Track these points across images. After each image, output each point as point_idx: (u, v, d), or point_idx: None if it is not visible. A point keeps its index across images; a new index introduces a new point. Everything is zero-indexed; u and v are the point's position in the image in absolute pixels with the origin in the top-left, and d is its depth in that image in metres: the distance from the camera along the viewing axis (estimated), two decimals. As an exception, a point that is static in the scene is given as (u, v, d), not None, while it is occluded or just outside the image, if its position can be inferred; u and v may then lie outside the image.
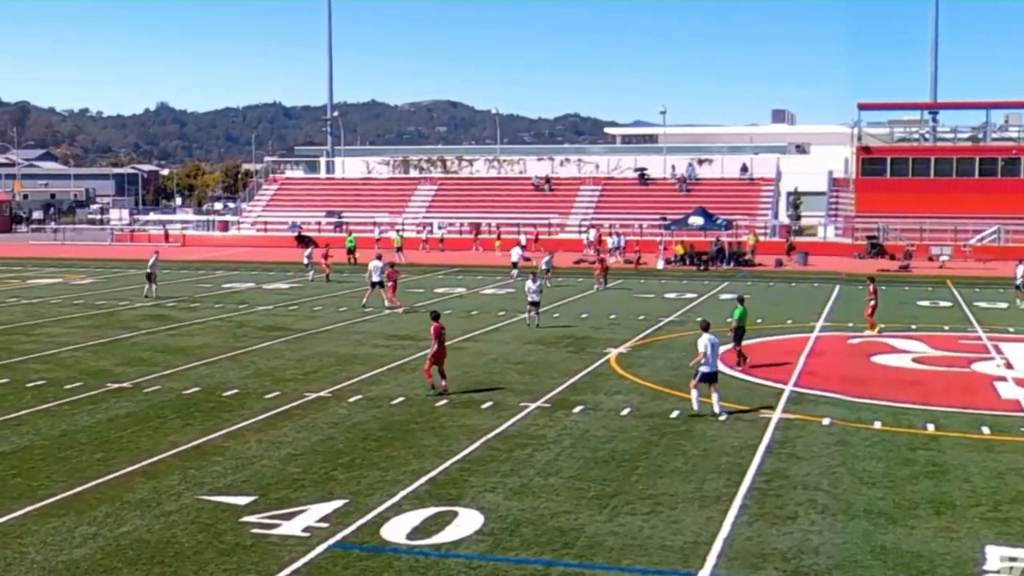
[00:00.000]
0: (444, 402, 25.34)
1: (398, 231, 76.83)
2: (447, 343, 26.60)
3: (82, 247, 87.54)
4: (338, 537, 15.96)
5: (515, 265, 57.61)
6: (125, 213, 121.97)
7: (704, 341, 24.03)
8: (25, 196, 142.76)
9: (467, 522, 16.65)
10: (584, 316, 41.76)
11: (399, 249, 70.94)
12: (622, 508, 17.40)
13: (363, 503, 17.59)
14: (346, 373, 29.12)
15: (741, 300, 31.42)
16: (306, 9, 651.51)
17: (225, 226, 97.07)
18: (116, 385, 27.38)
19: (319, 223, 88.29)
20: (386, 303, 43.28)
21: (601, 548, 15.56)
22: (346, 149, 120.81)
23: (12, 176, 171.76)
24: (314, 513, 17.02)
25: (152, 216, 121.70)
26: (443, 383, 26.00)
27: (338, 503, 17.56)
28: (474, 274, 60.26)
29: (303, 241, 76.16)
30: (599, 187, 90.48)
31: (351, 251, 70.11)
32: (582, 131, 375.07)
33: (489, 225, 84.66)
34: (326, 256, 57.22)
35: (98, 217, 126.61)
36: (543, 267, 51.33)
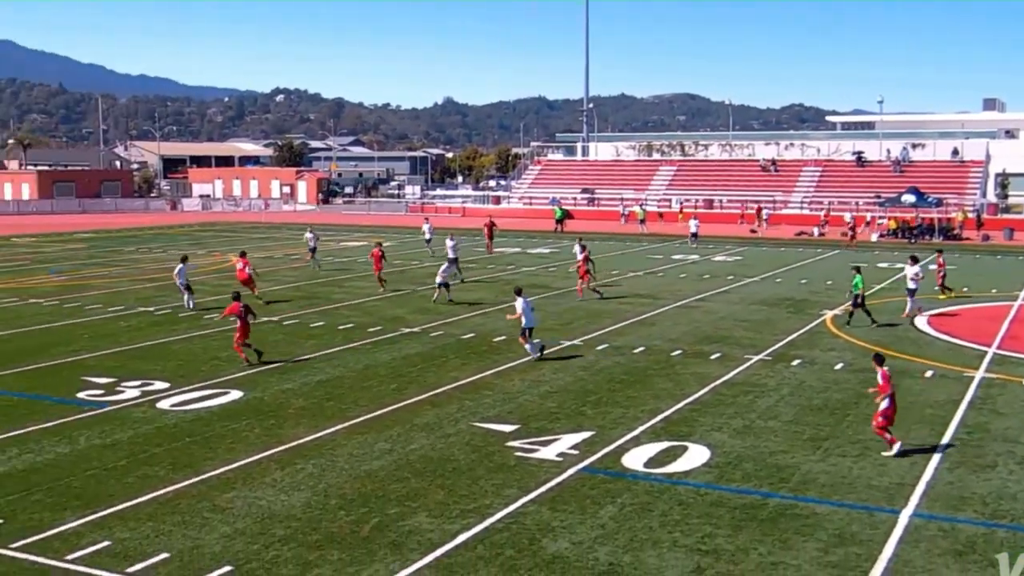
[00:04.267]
0: (679, 352, 25.13)
1: (641, 206, 76.30)
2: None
3: (383, 216, 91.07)
4: (586, 463, 16.12)
5: (695, 236, 58.52)
6: (417, 189, 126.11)
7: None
8: (340, 175, 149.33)
9: (696, 455, 16.52)
10: (803, 281, 40.45)
11: (642, 221, 70.57)
12: (834, 450, 16.85)
13: (607, 435, 17.69)
14: (595, 325, 29.25)
15: (858, 269, 29.90)
16: (567, 14, 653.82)
17: (497, 200, 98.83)
18: (408, 330, 28.42)
19: (575, 198, 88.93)
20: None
21: (814, 484, 15.14)
22: (598, 136, 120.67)
23: (330, 158, 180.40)
24: (566, 441, 17.25)
25: (439, 191, 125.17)
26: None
27: (586, 434, 17.72)
28: (706, 243, 59.28)
29: (566, 215, 77.10)
30: (820, 168, 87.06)
31: (559, 221, 71.34)
32: (805, 119, 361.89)
33: (720, 201, 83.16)
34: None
35: (395, 192, 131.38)
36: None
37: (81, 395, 20.52)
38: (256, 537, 12.98)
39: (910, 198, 71.13)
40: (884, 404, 16.56)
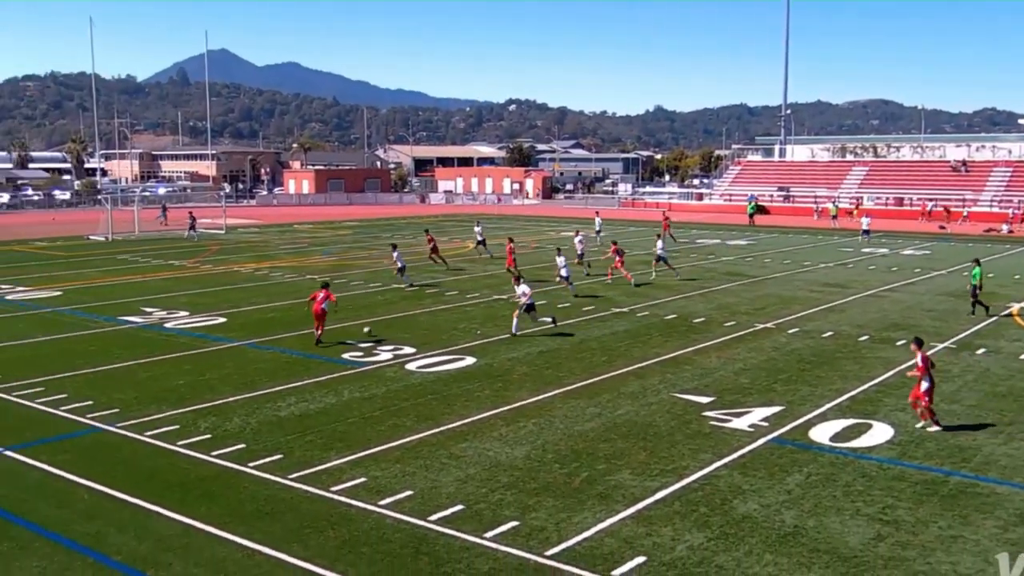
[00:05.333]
0: (866, 337, 23.93)
1: (834, 203, 72.93)
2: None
3: (598, 210, 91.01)
4: (775, 434, 15.64)
5: (866, 232, 54.46)
6: (629, 186, 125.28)
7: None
8: (561, 174, 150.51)
9: (879, 433, 15.71)
10: (990, 275, 37.54)
11: (834, 217, 67.48)
12: (1016, 435, 15.62)
13: (796, 410, 17.09)
14: (787, 310, 28.27)
15: (977, 262, 27.59)
16: (768, 25, 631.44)
17: (700, 197, 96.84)
18: (617, 310, 28.37)
19: (771, 195, 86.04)
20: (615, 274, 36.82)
21: (995, 465, 14.09)
22: (795, 139, 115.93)
23: (553, 159, 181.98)
24: (757, 414, 16.79)
25: (648, 189, 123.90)
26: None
27: (776, 408, 17.18)
28: (895, 238, 56.03)
29: (760, 210, 74.75)
30: (1010, 170, 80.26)
31: (751, 215, 68.92)
32: (997, 122, 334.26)
33: (911, 200, 78.31)
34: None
35: (610, 189, 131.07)
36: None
37: (346, 356, 21.65)
38: (484, 482, 13.33)
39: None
40: (925, 385, 15.71)
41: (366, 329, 24.02)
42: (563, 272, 31.36)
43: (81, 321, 26.62)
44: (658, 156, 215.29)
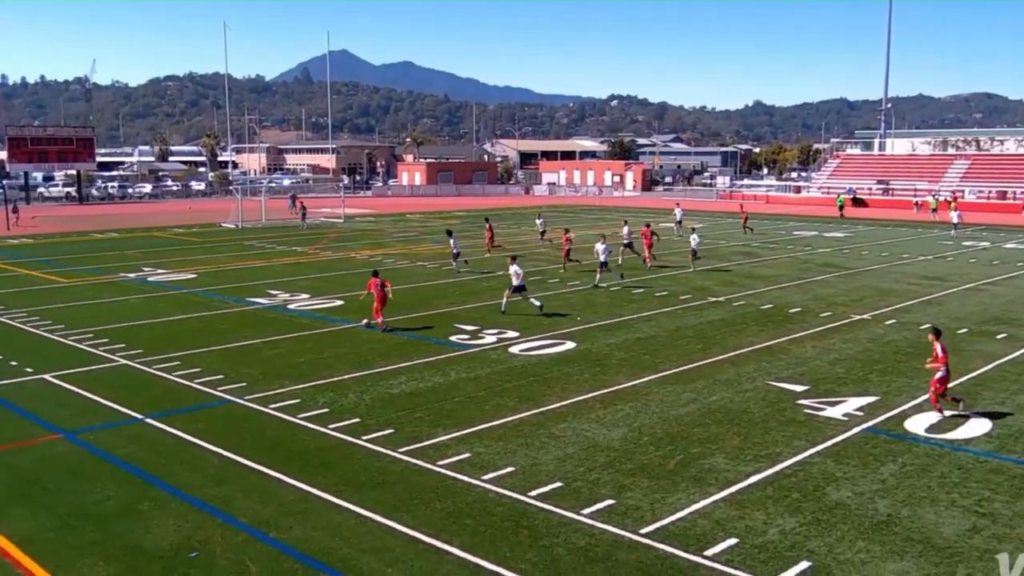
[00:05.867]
0: (964, 330, 22.92)
1: (934, 196, 69.94)
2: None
3: (696, 202, 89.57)
4: (870, 424, 15.16)
5: (956, 225, 52.09)
6: (727, 179, 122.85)
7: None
8: (661, 167, 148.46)
9: (977, 425, 15.04)
10: (1097, 270, 35.48)
11: (934, 210, 64.73)
12: (1121, 432, 14.74)
13: (891, 400, 16.51)
14: (884, 302, 27.31)
15: None
16: (869, 20, 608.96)
17: (798, 189, 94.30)
18: (713, 299, 27.91)
19: (870, 188, 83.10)
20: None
21: (1098, 462, 13.34)
22: (895, 132, 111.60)
23: (653, 153, 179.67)
24: (852, 404, 16.29)
25: (745, 181, 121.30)
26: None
27: (871, 398, 16.63)
28: (997, 231, 53.44)
29: (858, 202, 72.35)
30: (1120, 162, 75.79)
31: (841, 207, 66.51)
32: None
33: (1014, 193, 74.48)
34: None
35: (708, 181, 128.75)
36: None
37: (453, 338, 21.92)
38: (582, 461, 13.33)
39: None
40: (940, 374, 15.36)
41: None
42: (601, 257, 30.38)
43: (213, 302, 27.66)
44: (756, 150, 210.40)
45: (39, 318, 24.74)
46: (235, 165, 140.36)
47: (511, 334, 22.30)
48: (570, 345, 21.16)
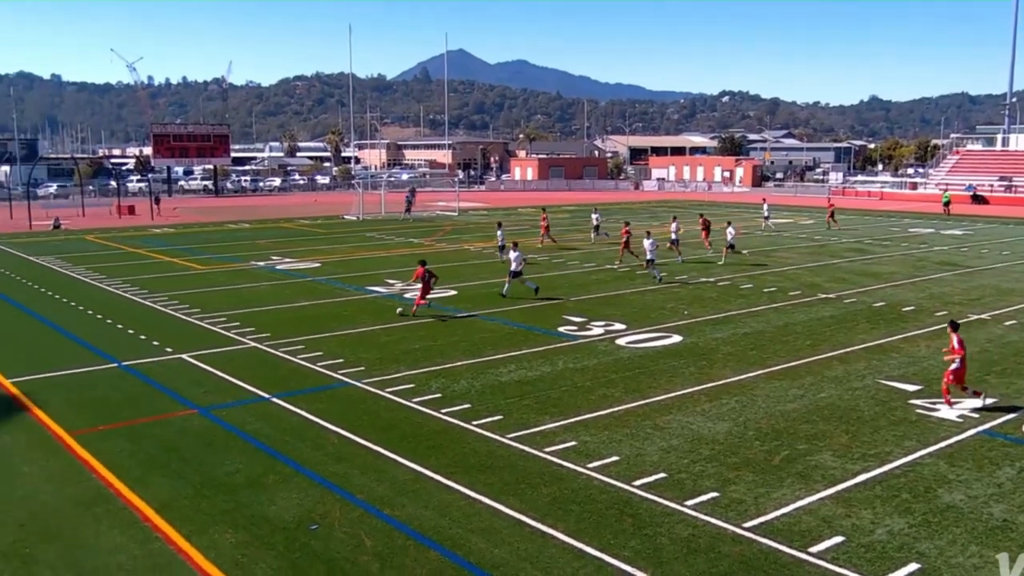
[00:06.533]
0: (1091, 333, 21.53)
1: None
2: None
3: (807, 198, 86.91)
4: (986, 426, 14.43)
5: None
6: (840, 175, 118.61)
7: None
8: (772, 162, 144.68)
9: (1103, 432, 14.12)
10: None
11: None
12: None
13: (1010, 403, 15.65)
14: (1004, 302, 25.89)
15: None
16: (993, 12, 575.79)
17: (914, 186, 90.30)
18: (824, 296, 27.05)
19: (991, 185, 78.85)
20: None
21: None
22: (1019, 128, 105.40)
23: (764, 149, 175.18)
24: (967, 404, 15.52)
25: (859, 178, 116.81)
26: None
27: (989, 400, 15.80)
28: None
29: (977, 199, 68.79)
30: None
31: (946, 204, 62.92)
32: None
33: None
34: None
35: (820, 178, 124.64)
36: None
37: (561, 329, 21.94)
38: (686, 453, 13.16)
39: None
40: (955, 365, 15.19)
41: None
42: (649, 255, 29.93)
43: (335, 289, 28.50)
44: (871, 145, 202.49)
45: (178, 302, 26.01)
46: (357, 160, 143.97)
47: (618, 326, 22.17)
48: (677, 338, 20.88)
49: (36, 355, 19.56)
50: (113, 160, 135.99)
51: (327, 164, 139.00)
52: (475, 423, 14.49)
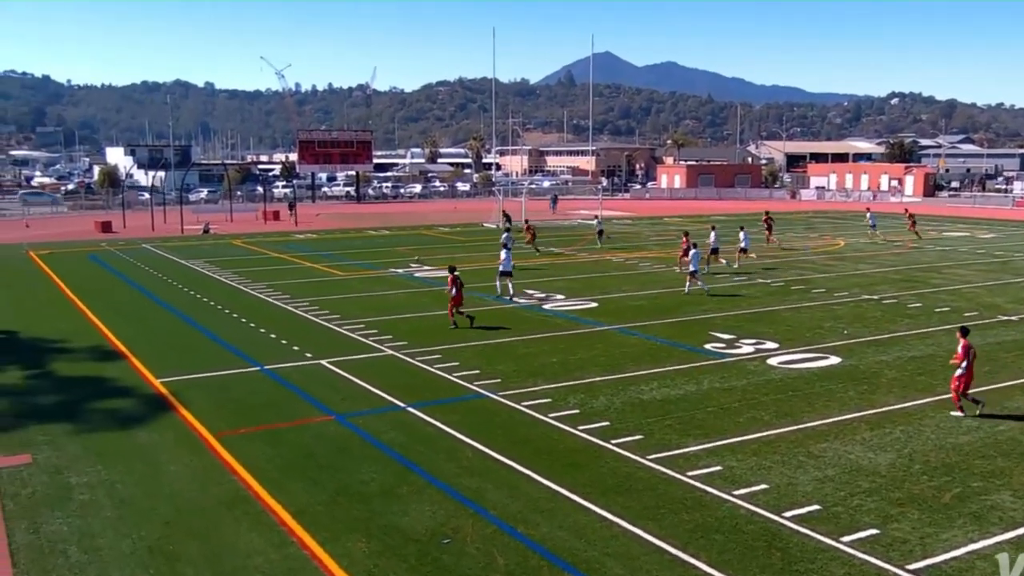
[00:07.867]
0: None
1: None
2: None
3: (987, 209, 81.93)
4: None
5: None
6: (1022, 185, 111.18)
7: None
8: (947, 170, 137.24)
9: None
10: None
11: None
12: None
13: None
14: None
15: None
16: None
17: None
18: (1004, 317, 25.39)
19: None
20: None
21: None
22: None
23: (938, 155, 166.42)
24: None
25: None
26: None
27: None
28: None
29: None
30: None
31: None
32: None
33: None
34: None
35: (1003, 187, 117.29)
36: None
37: (707, 346, 21.51)
38: (843, 485, 12.62)
39: None
40: (958, 372, 15.61)
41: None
42: (691, 266, 29.48)
43: (473, 299, 28.93)
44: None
45: (318, 308, 27.11)
46: (498, 167, 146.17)
47: (770, 345, 21.54)
48: (835, 360, 20.09)
49: (183, 356, 20.83)
50: (260, 166, 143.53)
51: (468, 171, 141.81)
52: (614, 442, 14.39)
